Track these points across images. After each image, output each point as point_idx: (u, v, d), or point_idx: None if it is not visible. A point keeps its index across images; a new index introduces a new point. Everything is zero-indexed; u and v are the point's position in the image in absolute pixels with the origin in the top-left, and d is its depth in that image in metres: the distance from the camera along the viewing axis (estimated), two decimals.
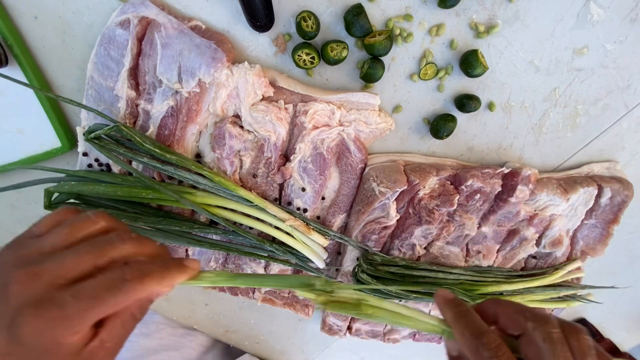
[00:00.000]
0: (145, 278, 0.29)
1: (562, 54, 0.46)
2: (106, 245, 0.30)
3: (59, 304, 0.27)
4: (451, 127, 0.49)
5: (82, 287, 0.28)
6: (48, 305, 0.27)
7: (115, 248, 0.30)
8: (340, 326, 0.65)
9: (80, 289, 0.28)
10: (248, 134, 0.48)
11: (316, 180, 0.50)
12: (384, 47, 0.43)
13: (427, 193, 0.51)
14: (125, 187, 0.48)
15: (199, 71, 0.43)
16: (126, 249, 0.30)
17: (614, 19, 0.44)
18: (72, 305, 0.27)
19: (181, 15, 0.44)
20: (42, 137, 0.51)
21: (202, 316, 0.71)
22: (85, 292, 0.28)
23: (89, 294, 0.27)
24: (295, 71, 0.47)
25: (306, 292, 0.34)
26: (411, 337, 0.67)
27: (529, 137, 0.52)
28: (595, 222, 0.56)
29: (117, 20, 0.42)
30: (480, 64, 0.44)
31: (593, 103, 0.50)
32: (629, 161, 0.55)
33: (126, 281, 0.28)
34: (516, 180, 0.50)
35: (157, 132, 0.47)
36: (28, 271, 0.27)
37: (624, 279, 0.68)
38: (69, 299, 0.27)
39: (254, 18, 0.41)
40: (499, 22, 0.44)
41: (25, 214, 0.61)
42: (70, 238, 0.30)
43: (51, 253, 0.29)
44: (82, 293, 0.27)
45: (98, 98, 0.46)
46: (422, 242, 0.55)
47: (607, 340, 0.74)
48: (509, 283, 0.57)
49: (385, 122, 0.48)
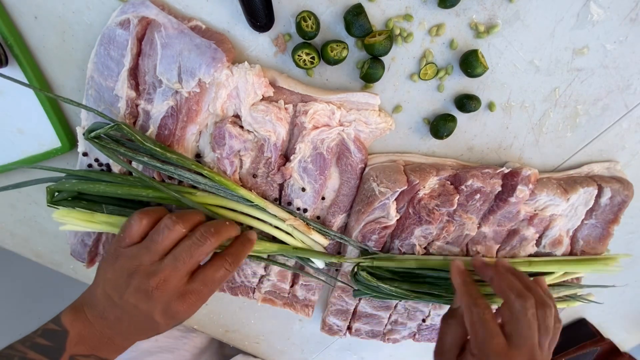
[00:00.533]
0: (238, 260, 0.44)
1: (562, 54, 0.46)
2: (198, 249, 0.41)
3: (195, 292, 0.42)
4: (451, 127, 0.49)
5: (204, 275, 0.42)
6: (189, 296, 0.42)
7: (206, 246, 0.41)
8: (340, 326, 0.65)
9: (202, 277, 0.42)
10: (248, 134, 0.48)
11: (316, 180, 0.50)
12: (384, 47, 0.43)
13: (427, 193, 0.51)
14: (126, 186, 0.48)
15: (199, 71, 0.43)
16: (212, 244, 0.42)
17: (614, 19, 0.44)
18: (203, 290, 0.42)
19: (181, 15, 0.44)
20: (42, 137, 0.51)
21: (202, 316, 0.71)
22: (207, 279, 0.42)
23: (210, 280, 0.42)
24: (295, 71, 0.47)
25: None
26: (411, 337, 0.67)
27: (529, 137, 0.52)
28: (596, 222, 0.56)
29: (117, 20, 0.42)
30: (480, 64, 0.44)
31: (593, 103, 0.50)
32: (629, 161, 0.55)
33: (228, 265, 0.43)
34: (516, 180, 0.50)
35: (157, 132, 0.47)
36: (159, 280, 0.40)
37: (624, 279, 0.68)
38: (200, 287, 0.42)
39: (254, 18, 0.41)
40: (499, 22, 0.44)
41: (25, 214, 0.61)
42: (166, 246, 0.41)
43: (161, 261, 0.41)
44: (205, 280, 0.42)
45: (98, 98, 0.46)
46: (422, 242, 0.55)
47: (607, 340, 0.74)
48: None
49: (385, 122, 0.48)
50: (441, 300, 0.57)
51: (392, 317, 0.64)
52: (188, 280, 0.42)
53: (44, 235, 0.63)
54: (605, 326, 0.76)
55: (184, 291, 0.42)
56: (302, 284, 0.60)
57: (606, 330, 0.76)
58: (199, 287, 0.42)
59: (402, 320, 0.64)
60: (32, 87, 0.47)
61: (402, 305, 0.62)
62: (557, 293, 0.59)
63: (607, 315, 0.74)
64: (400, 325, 0.65)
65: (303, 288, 0.61)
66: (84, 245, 0.55)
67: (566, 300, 0.61)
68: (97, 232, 0.54)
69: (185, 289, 0.42)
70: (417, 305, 0.62)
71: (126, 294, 0.41)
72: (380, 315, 0.63)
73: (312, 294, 0.61)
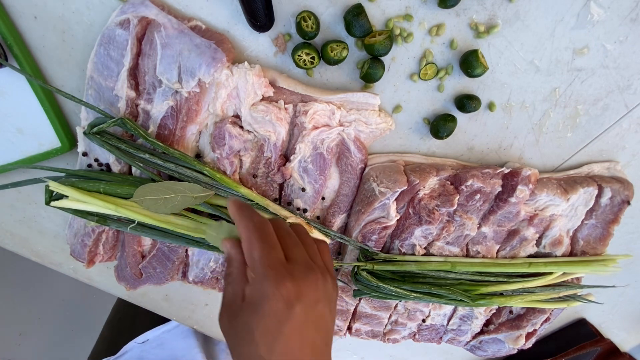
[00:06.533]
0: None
1: (562, 54, 0.46)
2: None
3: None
4: (451, 127, 0.49)
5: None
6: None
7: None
8: (340, 326, 0.65)
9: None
10: (248, 134, 0.48)
11: (316, 181, 0.50)
12: (384, 47, 0.43)
13: (427, 193, 0.51)
14: (125, 186, 0.48)
15: (199, 71, 0.43)
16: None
17: (614, 19, 0.44)
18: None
19: (181, 15, 0.44)
20: (42, 137, 0.51)
21: (202, 316, 0.71)
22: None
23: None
24: (295, 71, 0.47)
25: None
26: (411, 337, 0.67)
27: (529, 137, 0.52)
28: (596, 222, 0.56)
29: (117, 20, 0.42)
30: (481, 64, 0.44)
31: (593, 103, 0.50)
32: (629, 161, 0.55)
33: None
34: (516, 180, 0.50)
35: (157, 132, 0.47)
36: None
37: (624, 279, 0.68)
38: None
39: (254, 18, 0.41)
40: (499, 22, 0.44)
41: (25, 214, 0.61)
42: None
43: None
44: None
45: (98, 98, 0.46)
46: (422, 242, 0.55)
47: (607, 340, 0.74)
48: (509, 283, 0.57)
49: (385, 122, 0.48)
50: (441, 300, 0.57)
51: (392, 317, 0.64)
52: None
53: (44, 235, 0.63)
54: (605, 326, 0.76)
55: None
56: None
57: (606, 330, 0.76)
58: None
59: (402, 320, 0.64)
60: (35, 79, 0.46)
61: (402, 305, 0.62)
62: (557, 293, 0.59)
63: (607, 315, 0.74)
64: (400, 325, 0.65)
65: None
66: (83, 245, 0.55)
67: (566, 300, 0.61)
68: (97, 232, 0.54)
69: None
70: (417, 305, 0.62)
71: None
72: (380, 316, 0.63)
73: None
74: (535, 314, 0.63)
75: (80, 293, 1.75)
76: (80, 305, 1.77)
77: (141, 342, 0.73)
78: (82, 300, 1.77)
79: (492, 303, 0.57)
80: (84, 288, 1.33)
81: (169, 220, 0.49)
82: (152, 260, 0.56)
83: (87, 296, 1.76)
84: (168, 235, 0.51)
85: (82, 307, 1.77)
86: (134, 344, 0.73)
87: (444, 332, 0.67)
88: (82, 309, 1.77)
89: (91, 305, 1.77)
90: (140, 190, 0.46)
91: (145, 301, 0.69)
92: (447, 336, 0.68)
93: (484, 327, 0.68)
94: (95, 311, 1.75)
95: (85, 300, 1.77)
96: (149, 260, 0.56)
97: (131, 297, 0.68)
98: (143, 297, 0.68)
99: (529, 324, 0.64)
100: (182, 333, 0.75)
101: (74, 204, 0.47)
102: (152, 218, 0.48)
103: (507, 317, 0.66)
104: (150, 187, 0.46)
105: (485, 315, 0.65)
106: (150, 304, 0.69)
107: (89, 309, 1.77)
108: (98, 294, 1.60)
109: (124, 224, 0.50)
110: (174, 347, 0.73)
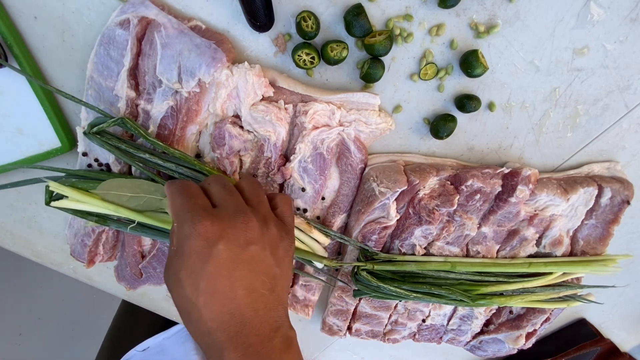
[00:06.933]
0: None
1: (562, 54, 0.46)
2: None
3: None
4: (451, 127, 0.49)
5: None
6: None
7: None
8: (340, 326, 0.65)
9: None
10: (248, 134, 0.48)
11: (316, 181, 0.50)
12: (384, 47, 0.43)
13: (427, 193, 0.51)
14: None
15: (199, 71, 0.43)
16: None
17: (614, 19, 0.44)
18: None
19: (181, 15, 0.44)
20: (42, 137, 0.51)
21: None
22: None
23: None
24: (295, 71, 0.47)
25: None
26: (411, 337, 0.67)
27: (529, 137, 0.52)
28: (596, 222, 0.56)
29: (116, 20, 0.42)
30: (481, 64, 0.44)
31: (593, 103, 0.50)
32: (629, 161, 0.55)
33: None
34: (516, 180, 0.50)
35: (157, 132, 0.47)
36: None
37: (624, 279, 0.68)
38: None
39: (254, 18, 0.41)
40: (499, 22, 0.44)
41: (25, 214, 0.61)
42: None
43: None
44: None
45: (98, 98, 0.46)
46: (422, 242, 0.55)
47: (607, 340, 0.74)
48: (509, 283, 0.57)
49: (385, 122, 0.48)
50: (441, 300, 0.57)
51: (392, 317, 0.64)
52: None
53: (44, 235, 0.63)
54: (605, 326, 0.76)
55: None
56: (302, 284, 0.60)
57: (606, 330, 0.76)
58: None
59: (402, 321, 0.64)
60: (35, 80, 0.46)
61: (402, 305, 0.62)
62: (557, 293, 0.59)
63: (607, 315, 0.74)
64: (400, 325, 0.65)
65: (303, 288, 0.60)
66: (83, 245, 0.55)
67: (566, 300, 0.61)
68: (97, 232, 0.54)
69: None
70: (417, 305, 0.62)
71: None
72: (380, 316, 0.63)
73: (312, 294, 0.61)
74: (535, 314, 0.63)
75: (80, 293, 1.75)
76: (80, 305, 1.77)
77: (142, 350, 0.73)
78: (82, 300, 1.77)
79: (492, 303, 0.57)
80: (84, 288, 1.34)
81: (169, 220, 0.49)
82: (152, 260, 0.56)
83: (87, 296, 1.76)
84: (168, 236, 0.51)
85: (82, 307, 1.77)
86: (134, 352, 0.73)
87: (444, 332, 0.67)
88: (82, 309, 1.77)
89: (91, 306, 1.77)
90: (107, 183, 0.45)
91: (145, 301, 0.69)
92: (447, 336, 0.68)
93: (484, 327, 0.68)
94: (95, 311, 1.75)
95: (85, 301, 1.77)
96: (149, 260, 0.56)
97: (131, 297, 0.68)
98: (143, 297, 0.68)
99: (529, 324, 0.64)
100: (181, 338, 0.75)
101: (74, 204, 0.47)
102: (153, 218, 0.48)
103: (507, 317, 0.66)
104: (119, 181, 0.45)
105: (485, 315, 0.65)
106: (150, 304, 0.69)
107: (89, 309, 1.77)
108: (98, 294, 1.60)
109: (123, 224, 0.50)
110: (175, 352, 0.73)
